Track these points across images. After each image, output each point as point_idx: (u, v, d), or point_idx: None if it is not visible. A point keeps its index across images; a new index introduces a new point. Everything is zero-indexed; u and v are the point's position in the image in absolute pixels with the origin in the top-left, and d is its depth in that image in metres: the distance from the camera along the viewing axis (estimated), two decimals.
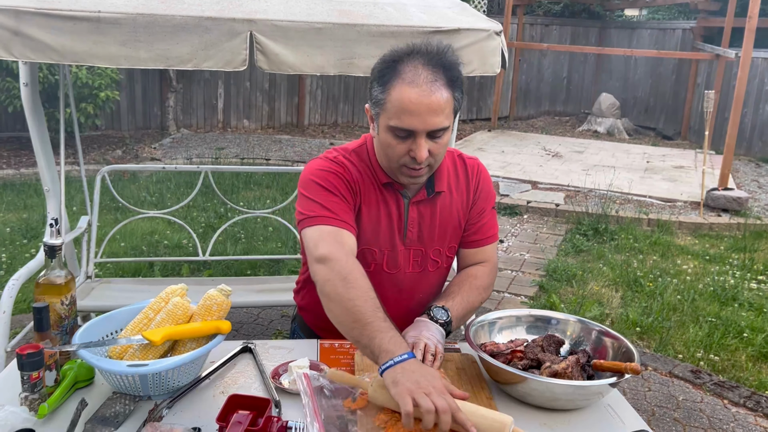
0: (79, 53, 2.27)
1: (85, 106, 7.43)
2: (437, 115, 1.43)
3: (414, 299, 1.73)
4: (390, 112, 1.46)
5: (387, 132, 1.49)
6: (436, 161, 1.53)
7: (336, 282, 1.40)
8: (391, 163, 1.54)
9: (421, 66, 1.44)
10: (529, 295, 4.61)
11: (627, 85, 12.66)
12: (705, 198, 6.80)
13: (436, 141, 1.48)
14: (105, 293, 3.23)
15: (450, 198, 1.69)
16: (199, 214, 5.91)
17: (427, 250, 1.68)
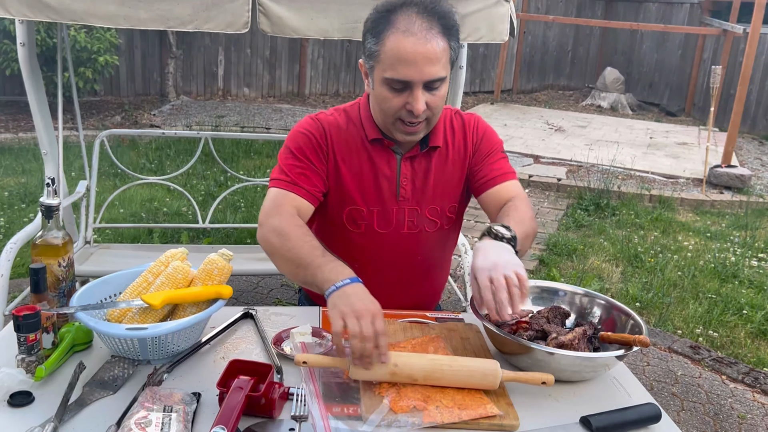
0: (77, 12, 2.21)
1: (84, 70, 7.33)
2: (434, 65, 1.39)
3: (412, 261, 1.68)
4: (385, 63, 1.42)
5: (382, 85, 1.45)
6: (433, 115, 1.49)
7: (272, 239, 1.44)
8: (387, 119, 1.51)
9: (415, 15, 1.40)
10: (529, 269, 4.59)
11: (632, 60, 12.51)
12: (708, 175, 6.76)
13: (433, 93, 1.44)
14: (104, 258, 3.21)
15: (446, 154, 1.64)
16: (199, 182, 5.86)
17: (423, 208, 1.63)
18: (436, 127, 1.61)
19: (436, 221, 1.65)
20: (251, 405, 1.13)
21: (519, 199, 1.58)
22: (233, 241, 4.56)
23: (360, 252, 1.65)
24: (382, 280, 1.62)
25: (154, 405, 1.10)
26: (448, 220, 1.68)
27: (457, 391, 1.25)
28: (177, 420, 1.07)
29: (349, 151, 1.60)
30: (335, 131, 1.60)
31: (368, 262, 1.63)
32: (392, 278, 1.67)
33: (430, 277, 1.76)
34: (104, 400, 1.18)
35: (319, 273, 1.32)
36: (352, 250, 1.64)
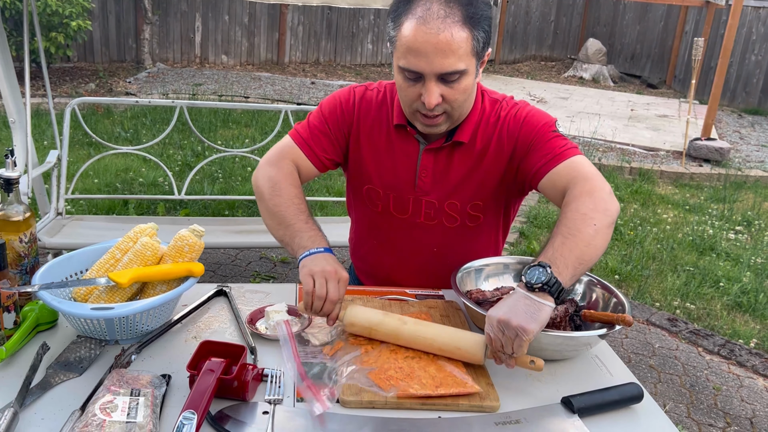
0: None
1: (56, 35, 7.10)
2: (446, 57, 1.29)
3: (428, 251, 1.62)
4: (399, 51, 1.34)
5: (398, 73, 1.39)
6: (454, 109, 1.39)
7: (264, 187, 1.50)
8: (406, 108, 1.45)
9: (435, 1, 1.30)
10: (510, 242, 4.58)
11: (614, 31, 12.46)
12: (687, 148, 6.78)
13: (450, 86, 1.34)
14: (76, 230, 3.13)
15: (473, 151, 1.51)
16: (176, 152, 5.74)
17: (441, 202, 1.55)
18: (467, 122, 1.50)
19: (455, 217, 1.57)
20: (223, 388, 1.08)
21: (575, 183, 1.35)
22: (211, 212, 4.48)
23: (378, 230, 1.66)
24: (401, 265, 1.65)
25: (121, 388, 1.05)
26: (471, 218, 1.57)
27: (438, 369, 1.22)
28: (145, 404, 1.02)
29: (374, 130, 1.57)
30: (366, 107, 1.58)
31: (385, 243, 1.65)
32: (411, 266, 1.66)
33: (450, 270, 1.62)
34: (69, 383, 1.13)
35: (297, 237, 1.38)
36: (372, 227, 1.67)
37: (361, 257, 1.77)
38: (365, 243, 1.73)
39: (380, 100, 1.58)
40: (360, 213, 1.69)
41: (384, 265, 1.69)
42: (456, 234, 1.59)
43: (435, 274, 1.61)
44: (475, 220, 1.58)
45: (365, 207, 1.65)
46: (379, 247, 1.68)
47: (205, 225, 3.40)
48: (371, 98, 1.58)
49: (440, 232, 1.59)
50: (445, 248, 1.61)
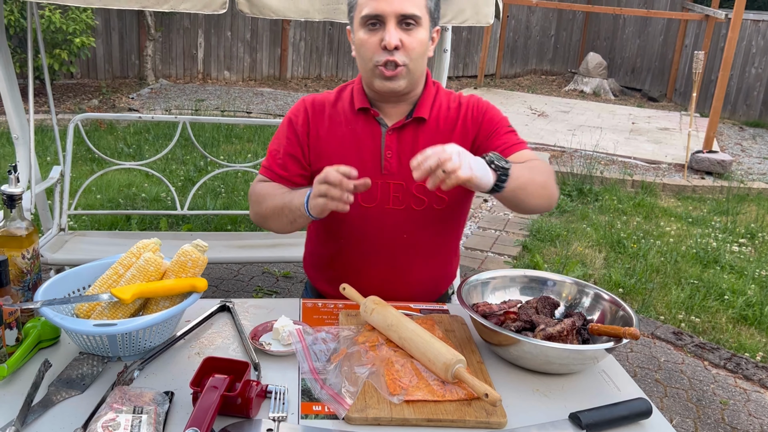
0: None
1: (59, 52, 7.14)
2: (405, 1, 1.45)
3: (398, 239, 1.62)
4: (360, 6, 1.49)
5: (360, 28, 1.50)
6: (411, 60, 1.49)
7: (256, 213, 1.59)
8: (367, 65, 1.52)
9: None
10: (513, 255, 4.57)
11: (615, 45, 12.50)
12: (689, 160, 6.78)
13: (408, 32, 1.47)
14: (79, 246, 3.12)
15: (436, 129, 1.60)
16: (178, 167, 5.75)
17: (409, 184, 1.58)
18: (423, 99, 1.60)
19: (423, 199, 1.59)
20: (227, 405, 1.07)
21: (535, 161, 1.52)
22: (213, 227, 4.48)
23: (346, 227, 1.63)
24: (371, 260, 1.63)
25: (124, 406, 1.04)
26: (438, 200, 1.60)
27: None
28: (147, 422, 1.01)
29: (334, 124, 1.62)
30: (320, 109, 1.64)
31: (354, 238, 1.63)
32: (377, 256, 1.63)
33: (423, 261, 1.67)
34: (71, 401, 1.12)
35: (295, 201, 1.44)
36: (338, 226, 1.63)
37: (326, 264, 1.73)
38: (330, 247, 1.69)
39: (334, 98, 1.66)
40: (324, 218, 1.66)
41: (354, 264, 1.66)
42: (424, 217, 1.61)
43: (406, 264, 1.63)
44: (441, 202, 1.61)
45: None
46: (347, 245, 1.65)
47: (208, 240, 3.39)
48: (323, 99, 1.66)
49: (409, 217, 1.61)
50: (415, 234, 1.63)
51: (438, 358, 1.23)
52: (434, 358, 1.23)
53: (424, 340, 1.27)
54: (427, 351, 1.25)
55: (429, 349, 1.25)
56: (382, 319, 1.36)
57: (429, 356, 1.24)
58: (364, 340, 1.33)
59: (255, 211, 1.59)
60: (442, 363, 1.21)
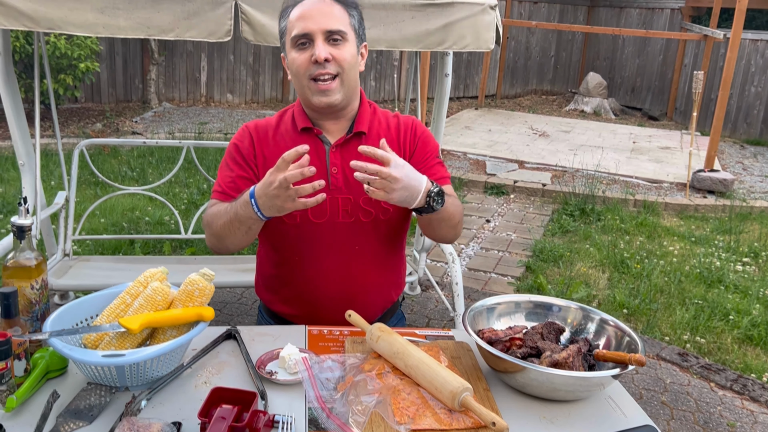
0: (54, 20, 2.15)
1: (64, 77, 7.21)
2: (330, 18, 1.55)
3: (350, 251, 1.67)
4: (290, 29, 1.58)
5: (291, 49, 1.58)
6: (344, 71, 1.57)
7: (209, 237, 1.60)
8: (302, 81, 1.59)
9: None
10: (516, 276, 4.57)
11: (614, 65, 12.60)
12: (691, 179, 6.79)
13: (336, 46, 1.55)
14: (83, 272, 3.13)
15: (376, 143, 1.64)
16: (182, 191, 5.78)
17: (357, 197, 1.64)
18: (361, 114, 1.68)
19: (370, 211, 1.66)
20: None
21: (454, 199, 1.64)
22: None
23: (299, 244, 1.67)
24: (327, 274, 1.67)
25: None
26: (383, 211, 1.67)
27: None
28: None
29: (279, 147, 1.66)
30: (263, 133, 1.70)
31: (308, 254, 1.67)
32: (331, 268, 1.68)
33: (375, 270, 1.74)
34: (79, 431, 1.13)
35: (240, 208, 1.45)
36: (291, 244, 1.67)
37: (281, 284, 1.75)
38: (284, 266, 1.72)
39: (275, 122, 1.72)
40: (275, 236, 1.71)
41: (311, 280, 1.69)
42: (372, 228, 1.68)
43: (360, 274, 1.69)
44: (386, 213, 1.68)
45: (280, 227, 1.67)
46: (301, 262, 1.68)
47: (211, 264, 3.41)
48: (265, 124, 1.72)
49: (359, 229, 1.66)
50: (366, 244, 1.68)
51: (445, 386, 1.23)
52: (441, 386, 1.24)
53: (431, 368, 1.27)
54: (434, 379, 1.25)
55: (435, 377, 1.25)
56: (388, 347, 1.36)
57: (436, 384, 1.25)
58: (371, 367, 1.33)
59: (209, 234, 1.60)
60: (449, 391, 1.21)
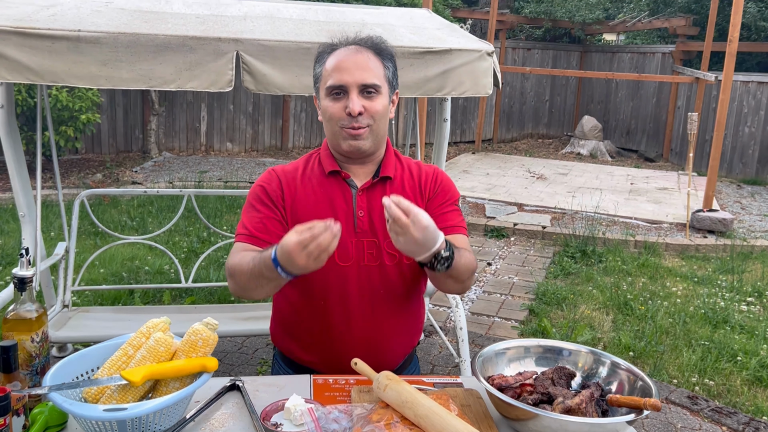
0: (57, 73, 2.18)
1: (65, 129, 7.29)
2: (366, 71, 1.57)
3: (377, 294, 1.65)
4: (325, 77, 1.60)
5: (326, 98, 1.60)
6: (375, 122, 1.59)
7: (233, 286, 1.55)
8: (334, 128, 1.60)
9: (350, 44, 1.63)
10: (520, 320, 4.52)
11: (609, 108, 12.77)
12: (690, 219, 6.80)
13: (370, 98, 1.57)
14: (82, 323, 3.09)
15: (402, 188, 1.69)
16: (182, 239, 5.77)
17: (382, 241, 1.64)
18: (387, 160, 1.70)
19: (394, 254, 1.65)
20: None
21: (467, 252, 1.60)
22: (217, 299, 4.44)
23: (325, 287, 1.64)
24: (354, 318, 1.64)
25: None
26: None
27: None
28: None
29: (306, 191, 1.67)
30: (291, 176, 1.69)
31: (333, 298, 1.64)
32: (359, 312, 1.65)
33: (399, 314, 1.72)
34: None
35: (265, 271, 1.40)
36: (317, 287, 1.65)
37: (304, 331, 1.70)
38: (308, 312, 1.68)
39: (302, 166, 1.73)
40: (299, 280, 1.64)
41: (337, 325, 1.65)
42: (397, 272, 1.66)
43: (385, 318, 1.66)
44: (409, 258, 1.66)
45: None
46: (326, 306, 1.65)
47: (211, 312, 3.37)
48: (291, 168, 1.72)
49: (383, 272, 1.65)
50: (390, 288, 1.67)
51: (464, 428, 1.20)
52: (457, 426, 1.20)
53: (441, 417, 1.24)
54: (445, 429, 1.22)
55: (446, 426, 1.22)
56: (396, 396, 1.33)
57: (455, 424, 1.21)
58: (379, 418, 1.29)
59: (233, 284, 1.55)
60: None
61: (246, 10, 2.89)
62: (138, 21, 2.48)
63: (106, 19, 2.45)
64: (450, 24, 3.16)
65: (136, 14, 2.57)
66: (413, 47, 2.62)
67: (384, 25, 2.95)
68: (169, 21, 2.55)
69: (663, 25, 11.27)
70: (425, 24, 3.09)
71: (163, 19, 2.55)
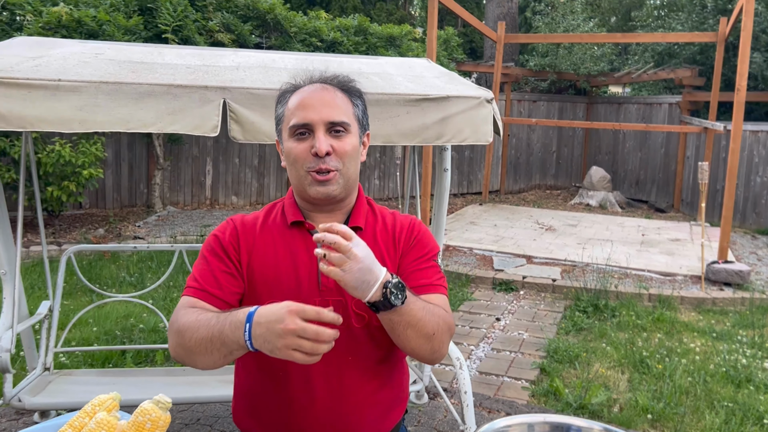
0: (27, 118, 2.07)
1: (68, 184, 7.25)
2: (332, 108, 1.44)
3: (344, 362, 1.46)
4: (288, 117, 1.47)
5: (289, 139, 1.47)
6: (344, 165, 1.46)
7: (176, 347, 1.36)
8: (299, 172, 1.46)
9: (314, 83, 1.51)
10: (530, 379, 4.28)
11: (617, 159, 12.69)
12: (705, 271, 6.58)
13: (338, 138, 1.45)
14: (62, 387, 2.92)
15: (374, 240, 1.52)
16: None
17: (348, 300, 1.46)
18: (357, 208, 1.56)
19: (363, 315, 1.47)
20: None
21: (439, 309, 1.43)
22: None
23: None
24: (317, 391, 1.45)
25: None
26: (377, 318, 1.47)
27: None
28: None
29: (266, 243, 1.51)
30: (250, 227, 1.55)
31: (293, 369, 1.44)
32: (328, 388, 1.46)
33: (372, 383, 1.51)
34: None
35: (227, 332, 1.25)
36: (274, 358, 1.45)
37: (264, 406, 1.52)
38: (266, 385, 1.50)
39: (263, 216, 1.57)
40: None
41: (298, 399, 1.46)
42: (366, 335, 1.49)
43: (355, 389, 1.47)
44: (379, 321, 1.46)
45: None
46: (285, 378, 1.46)
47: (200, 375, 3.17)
48: (250, 220, 1.56)
49: (351, 336, 1.47)
50: (360, 354, 1.48)
51: None
52: None
53: None
54: None
55: None
56: None
57: None
58: None
59: (176, 343, 1.36)
60: None
61: (240, 60, 2.82)
62: (125, 71, 2.39)
63: (91, 69, 2.37)
64: (449, 73, 3.07)
65: (125, 65, 2.49)
66: (409, 94, 2.51)
67: (381, 74, 2.86)
68: (158, 71, 2.46)
69: (668, 76, 11.28)
70: (424, 73, 3.00)
71: (151, 69, 2.47)
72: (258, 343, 1.20)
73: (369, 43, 9.54)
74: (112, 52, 2.65)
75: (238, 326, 1.22)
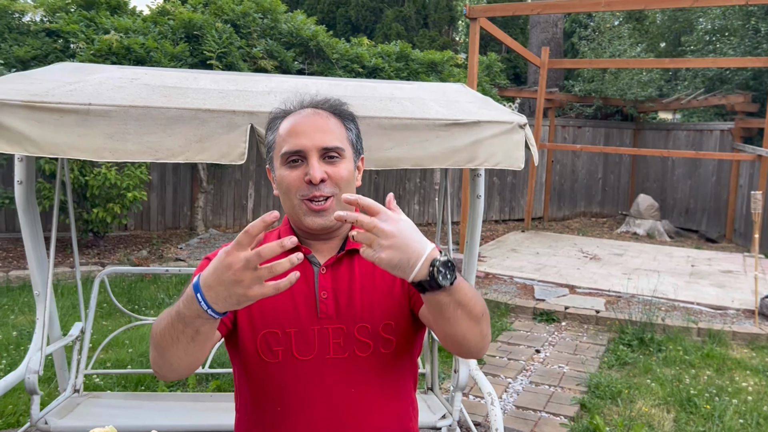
0: (59, 145, 2.09)
1: (113, 206, 7.41)
2: (325, 133, 1.40)
3: (347, 395, 1.37)
4: (279, 144, 1.43)
5: (281, 167, 1.41)
6: (340, 191, 1.40)
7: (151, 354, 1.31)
8: (293, 201, 1.40)
9: (306, 108, 1.47)
10: (570, 416, 4.10)
11: (665, 187, 12.33)
12: (759, 305, 6.25)
13: (332, 163, 1.40)
14: (89, 410, 2.91)
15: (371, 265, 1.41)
16: None
17: (351, 327, 1.38)
18: None
19: (368, 343, 1.38)
20: None
21: None
22: None
23: (281, 387, 1.38)
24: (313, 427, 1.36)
25: None
26: (385, 342, 1.39)
27: None
28: None
29: None
30: None
31: (292, 401, 1.37)
32: (326, 424, 1.37)
33: (377, 419, 1.41)
34: None
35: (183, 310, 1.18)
36: (272, 387, 1.39)
37: None
38: (264, 416, 1.42)
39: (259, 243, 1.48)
40: (253, 377, 1.43)
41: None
42: (371, 365, 1.39)
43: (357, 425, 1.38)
44: (389, 345, 1.40)
45: (257, 366, 1.40)
46: (283, 411, 1.38)
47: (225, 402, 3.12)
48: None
49: (354, 366, 1.38)
50: (363, 386, 1.38)
51: None
52: None
53: None
54: None
55: None
56: None
57: None
58: None
59: (151, 349, 1.30)
60: None
61: (273, 85, 2.81)
62: (157, 95, 2.40)
63: (124, 93, 2.39)
64: (484, 98, 3.00)
65: (158, 89, 2.51)
66: (439, 119, 2.46)
67: (414, 99, 2.81)
68: (189, 95, 2.47)
69: (720, 102, 10.95)
70: (457, 98, 2.95)
71: (183, 94, 2.48)
72: (219, 305, 1.13)
73: (410, 69, 9.56)
74: (148, 77, 2.68)
75: (191, 300, 1.15)
